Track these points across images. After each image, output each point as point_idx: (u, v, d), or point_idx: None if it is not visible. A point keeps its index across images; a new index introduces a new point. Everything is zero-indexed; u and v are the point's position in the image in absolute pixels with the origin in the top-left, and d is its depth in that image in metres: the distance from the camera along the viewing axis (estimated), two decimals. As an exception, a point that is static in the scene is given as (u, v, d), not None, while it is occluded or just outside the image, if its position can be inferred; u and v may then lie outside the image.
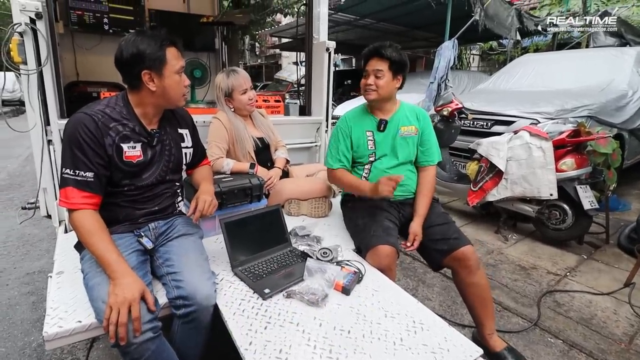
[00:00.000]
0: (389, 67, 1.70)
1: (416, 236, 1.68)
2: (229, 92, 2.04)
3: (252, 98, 2.08)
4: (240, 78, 2.03)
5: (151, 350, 1.09)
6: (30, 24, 1.67)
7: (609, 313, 2.18)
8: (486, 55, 14.34)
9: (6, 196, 4.24)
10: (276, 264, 1.49)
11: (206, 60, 3.56)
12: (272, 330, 1.13)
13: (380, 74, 1.70)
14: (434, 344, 1.12)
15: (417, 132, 1.85)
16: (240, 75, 2.05)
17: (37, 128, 1.80)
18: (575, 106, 3.45)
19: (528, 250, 2.99)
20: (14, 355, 1.79)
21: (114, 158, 1.26)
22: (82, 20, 3.28)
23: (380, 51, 1.69)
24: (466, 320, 2.07)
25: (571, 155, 2.84)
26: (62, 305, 1.21)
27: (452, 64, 5.52)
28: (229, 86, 2.03)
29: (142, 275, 1.20)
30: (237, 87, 2.03)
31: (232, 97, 2.05)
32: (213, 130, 2.04)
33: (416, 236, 1.68)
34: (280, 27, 11.63)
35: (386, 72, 1.70)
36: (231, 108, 2.09)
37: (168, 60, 1.27)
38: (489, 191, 3.02)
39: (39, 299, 2.24)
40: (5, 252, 2.84)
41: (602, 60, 4.35)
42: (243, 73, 2.07)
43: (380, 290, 1.38)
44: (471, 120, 3.66)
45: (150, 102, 1.33)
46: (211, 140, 2.02)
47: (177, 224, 1.46)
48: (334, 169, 1.87)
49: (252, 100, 2.09)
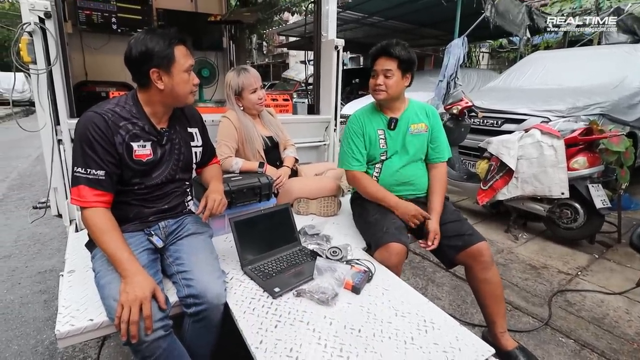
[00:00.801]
0: (397, 66, 1.68)
1: (436, 235, 1.66)
2: (238, 91, 2.04)
3: (261, 97, 2.08)
4: (250, 77, 2.03)
5: (162, 348, 1.10)
6: (39, 24, 1.68)
7: (621, 313, 2.14)
8: (496, 53, 14.21)
9: (17, 195, 4.30)
10: (286, 263, 1.48)
11: (214, 60, 3.58)
12: (283, 329, 1.13)
13: (390, 73, 1.69)
14: (445, 343, 1.11)
15: (427, 129, 1.83)
16: (251, 74, 2.04)
17: (47, 128, 1.82)
18: (587, 104, 3.40)
19: (538, 250, 2.96)
20: (27, 353, 1.81)
21: (124, 156, 1.27)
22: (90, 19, 3.31)
23: (389, 50, 1.67)
24: (476, 320, 2.05)
25: (583, 153, 2.80)
26: (74, 303, 1.22)
27: (461, 61, 5.47)
28: (239, 85, 2.03)
29: (153, 274, 1.20)
30: (247, 86, 2.03)
31: (241, 95, 2.05)
32: (222, 129, 2.05)
33: (436, 235, 1.66)
34: (288, 25, 11.62)
35: (395, 71, 1.69)
36: (240, 107, 2.09)
37: (177, 58, 1.27)
38: (499, 190, 2.98)
39: (51, 297, 2.26)
40: (17, 251, 2.88)
41: (615, 58, 4.27)
42: (253, 72, 2.07)
43: (391, 289, 1.37)
44: (481, 119, 3.62)
45: (159, 101, 1.33)
46: (220, 139, 2.02)
47: (187, 223, 1.46)
48: (352, 170, 1.84)
49: (262, 100, 2.09)
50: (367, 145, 1.83)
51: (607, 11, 6.44)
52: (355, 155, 1.82)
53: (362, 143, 1.82)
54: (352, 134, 1.84)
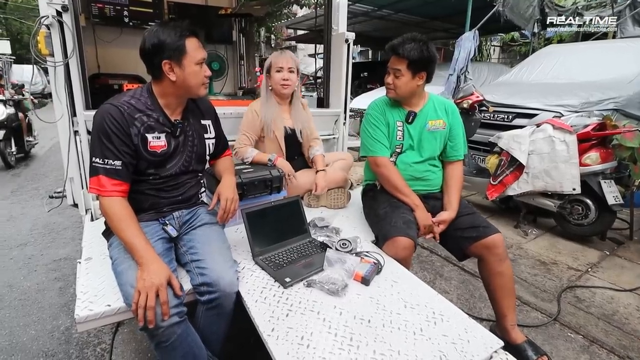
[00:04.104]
0: (407, 66, 1.64)
1: (441, 225, 1.69)
2: (268, 68, 2.08)
3: (286, 79, 2.04)
4: (281, 57, 2.05)
5: (177, 334, 1.13)
6: (56, 17, 1.71)
7: (632, 309, 2.13)
8: (507, 47, 13.98)
9: (32, 186, 4.39)
10: (296, 254, 1.51)
11: (224, 53, 3.59)
12: (294, 318, 1.15)
13: (399, 73, 1.66)
14: (454, 334, 1.13)
15: (445, 127, 1.81)
16: (284, 54, 2.07)
17: (64, 119, 1.85)
18: (600, 99, 3.35)
19: (548, 246, 2.94)
20: (44, 337, 1.87)
21: (140, 148, 1.30)
22: (103, 13, 3.34)
23: (398, 50, 1.63)
24: (484, 314, 2.06)
25: (596, 149, 2.77)
26: (92, 289, 1.26)
27: (472, 55, 5.39)
28: (270, 62, 2.07)
29: (168, 262, 1.23)
30: (274, 64, 2.04)
31: (270, 74, 2.08)
32: (246, 120, 2.09)
33: (441, 225, 1.69)
34: (297, 18, 11.58)
35: (404, 72, 1.65)
36: (269, 87, 2.10)
37: (188, 50, 1.29)
38: (509, 185, 2.97)
39: (66, 284, 2.32)
40: (33, 239, 2.95)
41: (630, 51, 4.18)
42: (289, 53, 2.09)
43: (400, 281, 1.39)
44: (492, 113, 3.60)
45: (171, 93, 1.35)
46: (243, 129, 2.08)
47: (200, 213, 1.49)
48: (378, 155, 1.78)
49: (286, 82, 2.05)
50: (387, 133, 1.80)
51: (623, 3, 6.29)
52: (381, 140, 1.78)
53: (385, 131, 1.80)
54: (375, 120, 1.80)
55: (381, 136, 1.79)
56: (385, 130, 1.79)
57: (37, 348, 1.80)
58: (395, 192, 1.76)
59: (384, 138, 1.79)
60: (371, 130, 1.81)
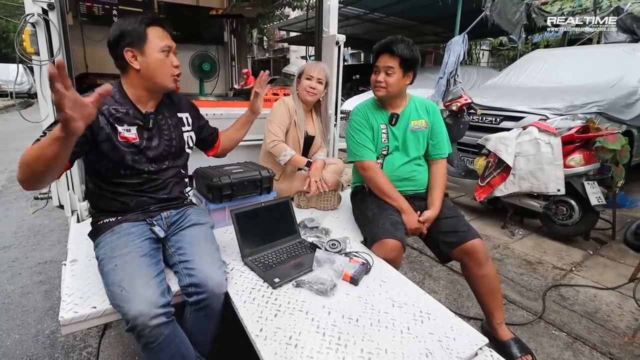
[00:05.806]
0: (399, 64, 1.68)
1: (426, 223, 1.73)
2: (300, 74, 2.17)
3: (313, 87, 2.14)
4: (313, 66, 2.15)
5: (164, 335, 1.12)
6: (42, 15, 1.69)
7: (614, 307, 2.18)
8: (496, 51, 14.19)
9: (17, 187, 4.30)
10: (286, 255, 1.51)
11: (215, 54, 3.58)
12: (282, 318, 1.16)
13: (391, 71, 1.69)
14: (441, 332, 1.14)
15: (427, 126, 1.85)
16: (317, 65, 2.17)
17: (49, 119, 1.82)
18: (584, 102, 3.43)
19: (534, 245, 2.99)
20: (28, 342, 1.84)
21: (112, 137, 1.29)
22: (91, 12, 3.31)
23: (392, 48, 1.67)
24: (472, 313, 2.08)
25: (579, 151, 2.83)
26: (77, 291, 1.24)
27: (461, 59, 5.47)
28: (303, 69, 2.17)
29: (156, 263, 1.23)
30: (307, 71, 2.14)
31: (300, 79, 2.17)
32: (279, 112, 2.13)
33: (426, 223, 1.73)
34: (289, 20, 11.58)
35: (397, 70, 1.69)
36: (297, 91, 2.19)
37: (149, 38, 1.30)
38: (497, 186, 3.02)
39: (51, 287, 2.28)
40: (17, 242, 2.90)
41: (613, 57, 4.29)
42: (321, 65, 2.19)
43: (388, 281, 1.40)
44: (480, 116, 3.65)
45: (139, 84, 1.35)
46: (274, 119, 2.11)
47: (188, 214, 1.48)
48: (365, 160, 1.81)
49: (313, 90, 2.14)
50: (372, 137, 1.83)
51: (607, 10, 6.44)
52: (367, 145, 1.81)
53: (370, 133, 1.83)
54: (359, 125, 1.83)
55: (366, 140, 1.81)
56: (369, 134, 1.82)
57: (21, 352, 1.76)
58: (382, 195, 1.79)
59: (369, 142, 1.82)
60: (356, 135, 1.84)
